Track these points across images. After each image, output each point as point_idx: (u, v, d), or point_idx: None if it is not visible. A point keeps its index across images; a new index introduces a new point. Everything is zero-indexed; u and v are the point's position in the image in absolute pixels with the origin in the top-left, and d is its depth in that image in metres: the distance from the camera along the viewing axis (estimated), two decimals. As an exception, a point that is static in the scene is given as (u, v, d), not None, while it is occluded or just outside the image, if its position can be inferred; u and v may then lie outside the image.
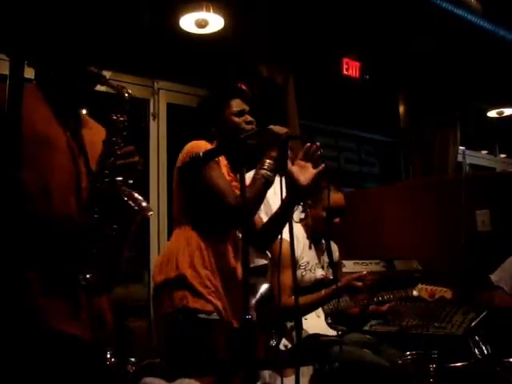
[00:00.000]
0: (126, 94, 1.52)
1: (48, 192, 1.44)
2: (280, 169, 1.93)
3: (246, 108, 2.13)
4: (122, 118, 1.51)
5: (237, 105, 2.12)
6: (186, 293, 1.92)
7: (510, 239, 3.20)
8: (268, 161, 1.91)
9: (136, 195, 1.48)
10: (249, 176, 1.98)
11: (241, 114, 2.11)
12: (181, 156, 2.05)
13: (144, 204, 1.47)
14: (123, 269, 1.51)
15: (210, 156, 1.86)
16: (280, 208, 2.03)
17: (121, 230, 1.46)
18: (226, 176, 2.03)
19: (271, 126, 1.92)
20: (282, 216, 2.00)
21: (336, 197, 2.69)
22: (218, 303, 1.94)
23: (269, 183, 1.92)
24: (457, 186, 3.68)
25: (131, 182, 1.50)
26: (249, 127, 2.08)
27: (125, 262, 1.51)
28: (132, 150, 1.52)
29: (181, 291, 1.92)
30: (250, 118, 2.11)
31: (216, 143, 2.11)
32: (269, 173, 1.91)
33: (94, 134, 1.62)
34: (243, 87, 2.18)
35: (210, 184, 1.94)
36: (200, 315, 1.90)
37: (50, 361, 1.38)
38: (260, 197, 1.93)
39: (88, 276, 1.41)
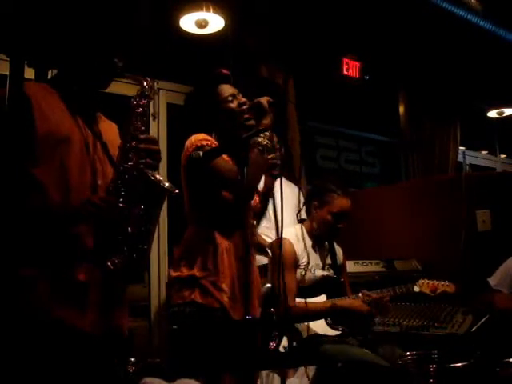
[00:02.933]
0: (145, 82, 1.57)
1: (65, 189, 1.46)
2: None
3: (235, 91, 2.14)
4: (141, 103, 1.54)
5: (225, 90, 2.13)
6: (195, 289, 1.98)
7: (510, 239, 3.20)
8: (261, 129, 1.98)
9: (158, 176, 1.50)
10: None
11: (233, 97, 2.12)
12: (184, 154, 2.06)
13: (167, 184, 1.50)
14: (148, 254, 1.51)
15: (211, 156, 1.88)
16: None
17: (147, 210, 1.48)
18: None
19: (254, 100, 2.01)
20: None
21: (343, 202, 2.66)
22: (226, 302, 1.98)
23: (264, 150, 1.98)
24: (457, 186, 3.68)
25: (156, 167, 1.52)
26: (244, 108, 2.10)
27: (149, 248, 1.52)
28: (154, 138, 1.55)
29: (191, 288, 1.99)
30: (242, 99, 2.12)
31: (215, 134, 2.12)
32: (265, 140, 1.97)
33: (109, 133, 1.64)
34: (224, 72, 2.18)
35: (215, 169, 1.98)
36: (206, 312, 1.94)
37: (56, 354, 1.39)
38: (259, 163, 1.98)
39: (116, 261, 1.42)
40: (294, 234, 2.68)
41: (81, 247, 1.44)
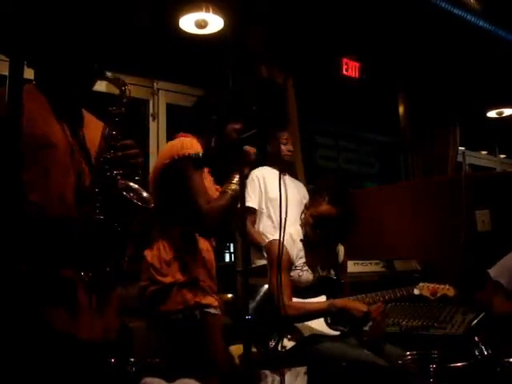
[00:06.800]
0: (123, 87, 1.53)
1: (47, 192, 1.44)
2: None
3: (243, 130, 2.21)
4: (119, 111, 1.51)
5: (240, 124, 2.22)
6: (197, 292, 2.02)
7: (510, 239, 3.20)
8: (238, 176, 1.99)
9: (136, 186, 1.47)
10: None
11: (238, 132, 2.19)
12: (171, 153, 2.07)
13: (145, 194, 1.48)
14: (125, 266, 1.51)
15: (211, 156, 1.89)
16: None
17: (123, 224, 1.46)
18: (206, 182, 2.12)
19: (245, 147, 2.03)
20: None
21: (325, 208, 2.61)
22: (218, 301, 2.07)
23: (237, 197, 2.01)
24: (457, 186, 3.68)
25: (137, 178, 1.50)
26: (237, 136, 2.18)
27: (127, 259, 1.51)
28: (131, 143, 1.51)
29: (193, 291, 2.02)
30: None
31: (205, 140, 2.18)
32: (238, 188, 1.99)
33: (96, 132, 1.62)
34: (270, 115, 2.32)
35: (190, 183, 2.02)
36: (209, 310, 1.99)
37: (51, 361, 1.38)
38: (227, 209, 2.03)
39: (90, 273, 1.41)
40: (289, 235, 2.66)
41: (67, 250, 1.42)
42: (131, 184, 1.48)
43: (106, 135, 1.50)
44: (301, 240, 2.70)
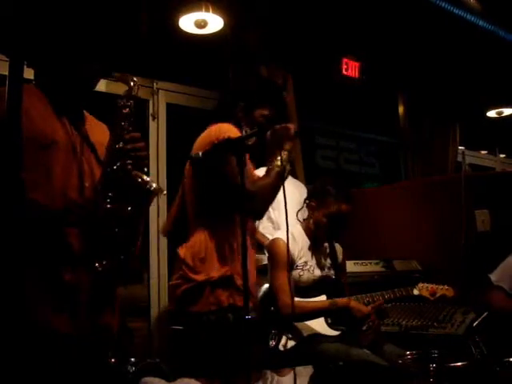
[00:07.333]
0: (132, 83, 1.55)
1: (50, 190, 1.44)
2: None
3: (271, 116, 2.21)
4: (128, 103, 1.53)
5: (268, 110, 2.22)
6: (233, 292, 1.96)
7: (510, 239, 3.20)
8: (283, 152, 2.00)
9: (146, 178, 1.49)
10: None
11: (266, 118, 2.19)
12: (210, 139, 2.03)
13: (154, 185, 1.49)
14: (131, 263, 1.52)
15: (211, 155, 1.87)
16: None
17: (135, 211, 1.48)
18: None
19: (282, 125, 2.03)
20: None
21: (340, 207, 2.64)
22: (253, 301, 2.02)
23: (283, 173, 1.99)
24: (457, 186, 3.68)
25: (146, 169, 1.52)
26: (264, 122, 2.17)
27: (139, 247, 1.52)
28: (139, 136, 1.54)
29: (228, 290, 1.96)
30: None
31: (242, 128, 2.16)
32: (284, 163, 1.98)
33: (98, 133, 1.62)
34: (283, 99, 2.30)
35: (227, 173, 1.97)
36: (243, 313, 1.96)
37: (48, 361, 1.38)
38: (275, 186, 1.97)
39: (104, 262, 1.42)
40: (290, 234, 2.67)
41: (67, 249, 1.43)
42: (143, 175, 1.50)
43: (115, 126, 1.52)
44: (302, 240, 2.70)
